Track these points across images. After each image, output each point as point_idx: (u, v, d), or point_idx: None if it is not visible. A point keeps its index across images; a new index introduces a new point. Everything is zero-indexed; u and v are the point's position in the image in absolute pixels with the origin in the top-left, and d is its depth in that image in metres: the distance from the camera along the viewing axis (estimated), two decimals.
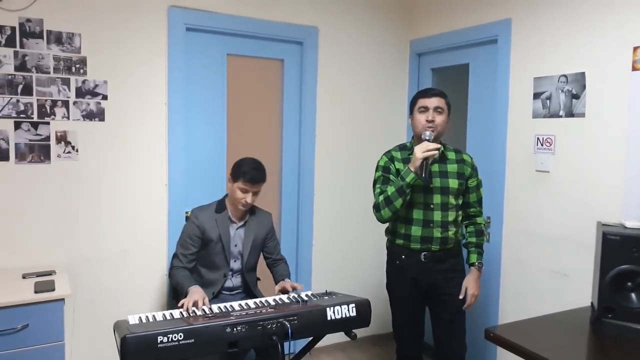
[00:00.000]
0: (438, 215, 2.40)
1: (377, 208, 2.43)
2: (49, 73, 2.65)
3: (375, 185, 2.52)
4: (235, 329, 1.97)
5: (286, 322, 2.04)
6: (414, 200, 2.40)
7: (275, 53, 3.33)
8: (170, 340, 1.86)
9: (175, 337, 1.87)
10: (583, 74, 2.52)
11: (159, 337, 1.85)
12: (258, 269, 2.81)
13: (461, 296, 2.45)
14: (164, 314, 2.09)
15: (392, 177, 2.45)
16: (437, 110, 2.40)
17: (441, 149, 2.45)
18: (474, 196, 2.53)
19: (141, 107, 2.88)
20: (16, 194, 2.62)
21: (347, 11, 3.47)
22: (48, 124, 2.66)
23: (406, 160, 2.43)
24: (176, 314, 2.11)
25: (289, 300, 2.32)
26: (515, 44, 2.87)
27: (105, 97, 2.78)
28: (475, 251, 2.52)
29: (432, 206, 2.40)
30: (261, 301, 2.28)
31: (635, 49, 2.30)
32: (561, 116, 2.62)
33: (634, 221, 2.10)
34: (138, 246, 2.92)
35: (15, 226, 2.63)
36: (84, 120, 2.74)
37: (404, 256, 2.47)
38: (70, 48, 2.68)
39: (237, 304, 2.24)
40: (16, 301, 2.17)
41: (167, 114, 2.95)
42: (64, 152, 2.71)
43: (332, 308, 2.17)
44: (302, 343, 2.44)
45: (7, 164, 2.59)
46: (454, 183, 2.43)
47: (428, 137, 2.35)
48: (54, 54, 2.65)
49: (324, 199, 3.48)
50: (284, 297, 2.38)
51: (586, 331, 1.94)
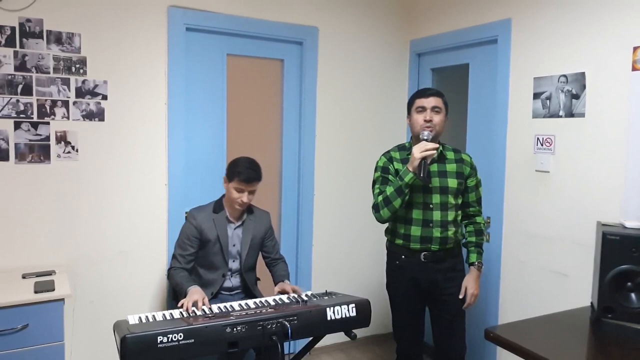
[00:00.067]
0: (437, 215, 2.40)
1: (376, 208, 2.43)
2: (48, 73, 2.65)
3: (374, 186, 2.52)
4: (235, 329, 1.97)
5: (286, 322, 2.04)
6: (413, 200, 2.40)
7: (275, 53, 3.33)
8: (170, 340, 1.86)
9: (175, 337, 1.87)
10: (583, 74, 2.52)
11: (159, 337, 1.85)
12: (258, 269, 2.81)
13: (461, 296, 2.45)
14: (164, 314, 2.09)
15: (391, 177, 2.45)
16: (434, 110, 2.40)
17: (440, 148, 2.46)
18: (473, 195, 2.53)
19: (141, 107, 2.88)
20: (16, 194, 2.62)
21: (347, 11, 3.48)
22: (48, 124, 2.66)
23: (405, 160, 2.43)
24: (176, 314, 2.11)
25: (288, 300, 2.31)
26: (515, 44, 2.87)
27: (105, 97, 2.78)
28: (475, 251, 2.52)
29: (432, 206, 2.40)
30: (261, 301, 2.28)
31: (635, 49, 2.30)
32: (561, 116, 2.63)
33: (633, 221, 2.10)
34: (138, 246, 2.92)
35: (15, 226, 2.63)
36: (84, 120, 2.74)
37: (403, 256, 2.48)
38: (70, 48, 2.68)
39: (237, 304, 2.24)
40: (16, 301, 2.18)
41: (167, 114, 2.95)
42: (63, 152, 2.71)
43: (332, 308, 2.17)
44: (302, 343, 2.44)
45: (7, 164, 2.59)
46: (453, 183, 2.43)
47: (426, 137, 2.35)
48: (53, 54, 2.65)
49: (324, 199, 3.48)
50: (284, 297, 2.38)
51: (586, 331, 1.94)
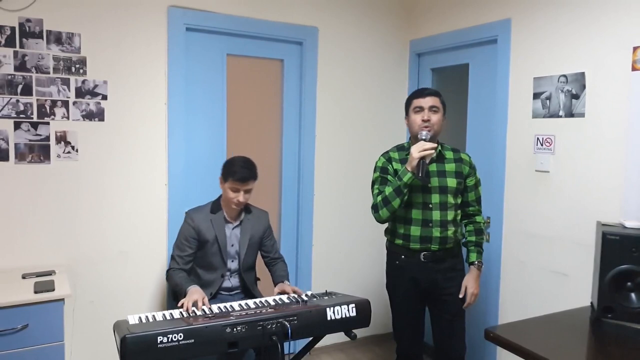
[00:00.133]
0: (437, 215, 2.40)
1: (375, 208, 2.43)
2: (48, 73, 2.65)
3: (373, 186, 2.52)
4: (235, 329, 1.97)
5: (286, 322, 2.04)
6: (412, 200, 2.40)
7: (275, 53, 3.33)
8: (170, 340, 1.86)
9: (175, 337, 1.87)
10: (583, 74, 2.52)
11: (158, 337, 1.85)
12: (258, 269, 2.81)
13: (461, 295, 2.45)
14: (164, 314, 2.09)
15: (390, 177, 2.45)
16: (432, 109, 2.40)
17: (438, 148, 2.46)
18: (472, 195, 2.53)
19: (141, 107, 2.88)
20: (16, 194, 2.62)
21: (347, 11, 3.48)
22: (48, 124, 2.66)
23: (404, 160, 2.43)
24: (176, 314, 2.11)
25: (288, 301, 2.32)
26: (515, 44, 2.87)
27: (105, 97, 2.78)
28: (475, 250, 2.52)
29: (431, 206, 2.40)
30: (261, 301, 2.28)
31: (635, 49, 2.30)
32: (561, 116, 2.63)
33: (633, 221, 2.10)
34: (138, 246, 2.92)
35: (15, 226, 2.63)
36: (84, 120, 2.74)
37: (403, 256, 2.48)
38: (70, 48, 2.68)
39: (237, 304, 2.24)
40: (16, 301, 2.17)
41: (166, 114, 2.95)
42: (63, 152, 2.71)
43: (332, 308, 2.17)
44: (302, 343, 2.44)
45: (7, 164, 2.59)
46: (452, 182, 2.43)
47: (425, 137, 2.35)
48: (53, 54, 2.65)
49: (324, 199, 3.48)
50: (284, 297, 2.38)
51: (586, 331, 1.94)
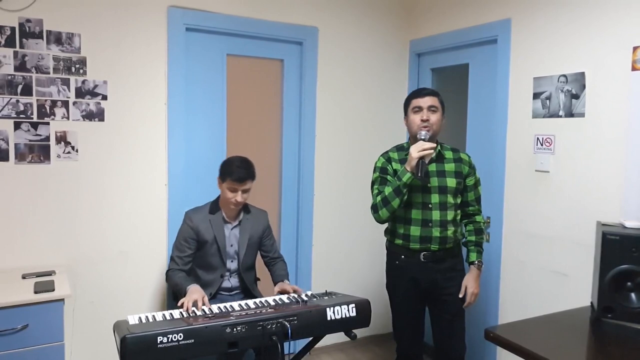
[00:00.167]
0: (437, 215, 2.40)
1: (375, 209, 2.44)
2: (48, 73, 2.65)
3: (373, 187, 2.52)
4: (235, 329, 1.97)
5: (286, 322, 2.04)
6: (412, 200, 2.40)
7: (275, 53, 3.33)
8: (170, 340, 1.86)
9: (175, 337, 1.87)
10: (583, 73, 2.52)
11: (158, 338, 1.85)
12: (258, 269, 2.81)
13: (461, 295, 2.45)
14: (164, 314, 2.08)
15: (389, 177, 2.45)
16: (430, 109, 2.41)
17: (438, 148, 2.46)
18: (472, 195, 2.53)
19: (141, 107, 2.88)
20: (16, 195, 2.62)
21: (347, 11, 3.48)
22: (48, 124, 2.66)
23: (403, 160, 2.43)
24: (176, 314, 2.11)
25: (288, 301, 2.31)
26: (515, 44, 2.87)
27: (105, 97, 2.78)
28: (475, 250, 2.52)
29: (431, 206, 2.40)
30: (261, 301, 2.28)
31: (635, 49, 2.30)
32: (561, 116, 2.63)
33: (633, 221, 2.10)
34: (138, 246, 2.92)
35: (15, 226, 2.63)
36: (84, 120, 2.74)
37: (403, 256, 2.48)
38: (70, 48, 2.68)
39: (237, 304, 2.24)
40: (16, 301, 2.18)
41: (166, 114, 2.95)
42: (63, 153, 2.71)
43: (332, 308, 2.17)
44: (302, 343, 2.44)
45: (7, 164, 2.59)
46: (451, 182, 2.43)
47: (424, 137, 2.36)
48: (53, 54, 2.65)
49: (324, 199, 3.48)
50: (284, 297, 2.38)
51: (586, 331, 1.94)
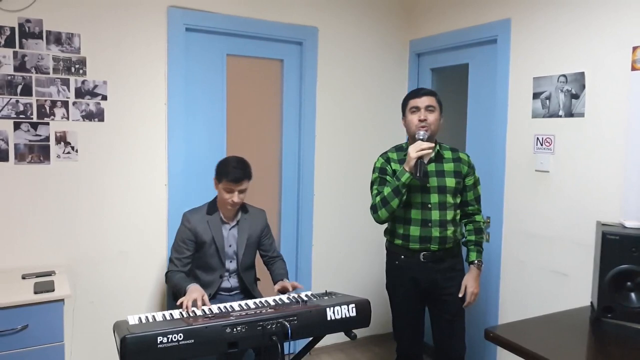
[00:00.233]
0: (436, 215, 2.40)
1: (374, 209, 2.44)
2: (48, 73, 2.65)
3: (372, 187, 2.53)
4: (235, 329, 1.97)
5: (286, 323, 2.04)
6: (411, 200, 2.41)
7: (274, 53, 3.33)
8: (170, 340, 1.86)
9: (175, 337, 1.87)
10: (582, 73, 2.52)
11: (158, 338, 1.85)
12: (258, 270, 2.81)
13: (461, 294, 2.45)
14: (164, 314, 2.08)
15: (388, 178, 2.45)
16: (428, 109, 2.41)
17: (437, 148, 2.46)
18: (471, 194, 2.53)
19: (141, 108, 2.88)
20: (16, 195, 2.62)
21: (347, 11, 3.48)
22: (47, 124, 2.66)
23: (402, 160, 2.43)
24: (176, 314, 2.11)
25: (288, 301, 2.31)
26: (515, 43, 2.87)
27: (104, 98, 2.78)
28: (475, 249, 2.52)
29: (430, 205, 2.40)
30: (261, 301, 2.28)
31: (634, 49, 2.30)
32: (561, 116, 2.63)
33: (633, 221, 2.10)
34: (138, 246, 2.92)
35: (15, 227, 2.63)
36: (84, 120, 2.74)
37: (403, 256, 2.48)
38: (69, 48, 2.68)
39: (237, 304, 2.24)
40: (16, 302, 2.17)
41: (166, 114, 2.95)
42: (63, 153, 2.71)
43: (332, 308, 2.17)
44: (302, 343, 2.44)
45: (7, 164, 2.59)
46: (451, 182, 2.44)
47: (422, 137, 2.36)
48: (53, 54, 2.65)
49: (324, 199, 3.48)
50: (284, 297, 2.38)
51: (586, 331, 1.94)
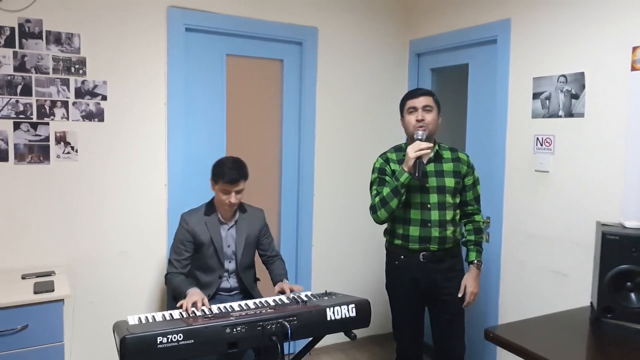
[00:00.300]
0: (435, 215, 2.40)
1: (373, 209, 2.44)
2: (48, 73, 2.64)
3: (371, 187, 2.53)
4: (234, 329, 1.97)
5: (286, 323, 2.04)
6: (411, 201, 2.41)
7: (274, 53, 3.33)
8: (169, 340, 1.86)
9: (174, 337, 1.87)
10: (582, 73, 2.52)
11: (158, 338, 1.85)
12: (258, 270, 2.80)
13: (460, 294, 2.45)
14: (164, 315, 2.09)
15: (387, 178, 2.46)
16: (425, 109, 2.41)
17: (436, 148, 2.46)
18: (471, 194, 2.53)
19: (141, 108, 2.88)
20: (15, 195, 2.62)
21: (347, 11, 3.47)
22: (47, 124, 2.66)
23: (401, 161, 2.43)
24: (176, 314, 2.11)
25: (288, 301, 2.31)
26: (515, 44, 2.87)
27: (104, 98, 2.78)
28: (474, 249, 2.52)
29: (429, 206, 2.40)
30: (261, 301, 2.28)
31: (634, 49, 2.30)
32: (560, 116, 2.63)
33: (633, 221, 2.10)
34: (137, 246, 2.92)
35: (15, 227, 2.63)
36: (84, 120, 2.74)
37: (402, 256, 2.48)
38: (69, 48, 2.68)
39: (236, 304, 2.24)
40: (16, 302, 2.17)
41: (166, 114, 2.95)
42: (63, 153, 2.71)
43: (331, 308, 2.17)
44: (302, 343, 2.44)
45: (7, 164, 2.59)
46: (450, 182, 2.44)
47: (420, 137, 2.36)
48: (53, 54, 2.65)
49: (323, 199, 3.48)
50: (284, 297, 2.38)
51: (586, 331, 1.94)
